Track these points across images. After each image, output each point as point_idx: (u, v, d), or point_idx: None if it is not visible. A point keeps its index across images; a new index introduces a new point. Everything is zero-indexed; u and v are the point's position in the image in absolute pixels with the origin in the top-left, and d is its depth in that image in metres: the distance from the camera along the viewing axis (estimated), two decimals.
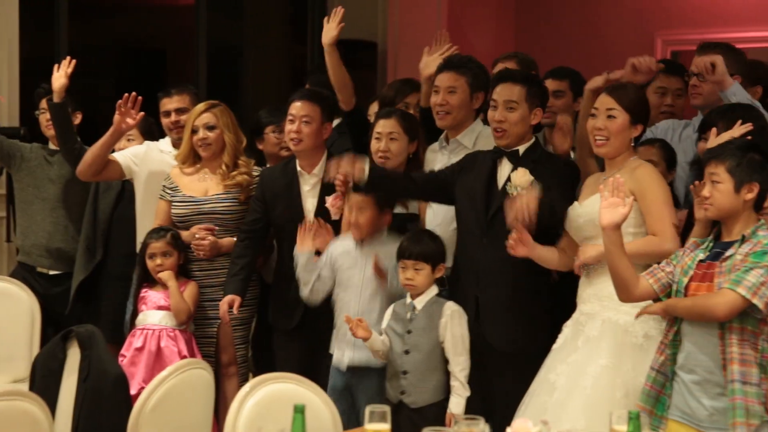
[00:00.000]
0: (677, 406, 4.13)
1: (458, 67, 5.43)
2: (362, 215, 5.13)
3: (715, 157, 4.11)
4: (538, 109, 4.99)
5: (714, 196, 4.08)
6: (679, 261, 4.19)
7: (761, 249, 3.97)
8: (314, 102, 5.59)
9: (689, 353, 4.10)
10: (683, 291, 4.11)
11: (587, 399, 4.43)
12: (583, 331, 4.61)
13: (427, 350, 4.87)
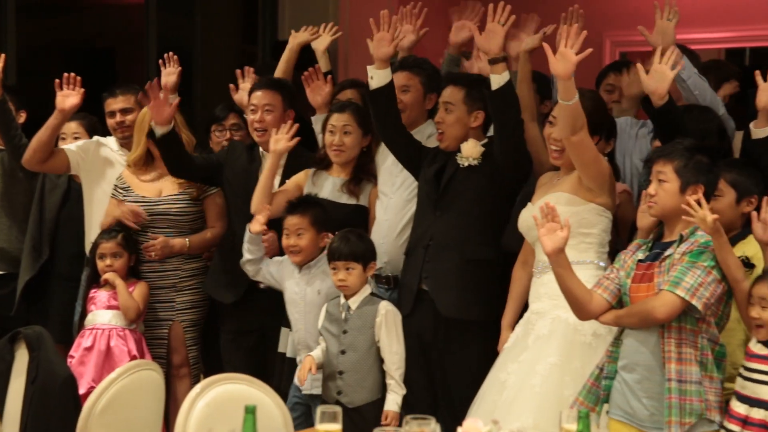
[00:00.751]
0: (618, 406, 4.16)
1: (412, 67, 5.47)
2: (301, 239, 5.13)
3: (664, 156, 4.14)
4: (479, 112, 5.02)
5: (659, 194, 4.12)
6: (622, 264, 4.22)
7: (698, 248, 4.02)
8: (275, 90, 5.60)
9: (630, 352, 4.13)
10: (627, 292, 4.15)
11: (536, 397, 4.45)
12: (533, 329, 4.63)
13: (363, 350, 4.88)
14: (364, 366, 4.88)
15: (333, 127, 5.43)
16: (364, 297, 4.94)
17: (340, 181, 5.46)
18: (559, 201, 4.59)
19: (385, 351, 4.86)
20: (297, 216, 5.12)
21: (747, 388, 3.96)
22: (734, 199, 4.38)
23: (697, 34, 7.22)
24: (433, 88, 5.39)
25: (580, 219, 4.58)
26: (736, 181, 4.38)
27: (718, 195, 4.35)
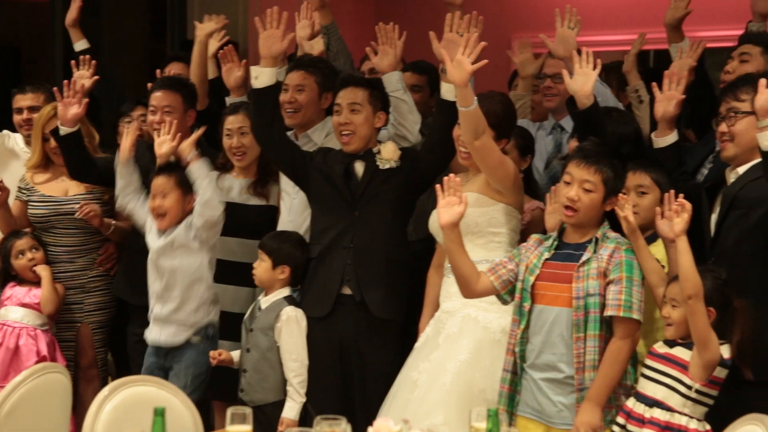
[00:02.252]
0: (527, 403, 4.21)
1: (308, 67, 5.45)
2: (166, 200, 5.07)
3: (593, 163, 4.17)
4: (381, 113, 5.03)
5: (583, 201, 4.15)
6: (523, 259, 4.26)
7: (626, 260, 4.08)
8: (174, 90, 5.52)
9: (541, 353, 4.17)
10: (529, 290, 4.18)
11: (446, 395, 4.47)
12: (444, 328, 4.65)
13: (263, 350, 4.89)
14: (264, 367, 4.89)
15: (229, 131, 5.40)
16: (277, 299, 4.93)
17: (246, 183, 5.44)
18: (468, 201, 4.62)
19: (285, 357, 4.86)
20: (163, 176, 5.07)
21: (647, 387, 4.02)
22: (659, 197, 4.44)
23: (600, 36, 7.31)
24: (328, 87, 5.32)
25: (489, 218, 4.62)
26: (661, 180, 4.45)
27: (644, 192, 4.42)
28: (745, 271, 4.17)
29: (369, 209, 4.96)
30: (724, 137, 4.29)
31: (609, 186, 4.15)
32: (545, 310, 4.16)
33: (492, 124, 4.59)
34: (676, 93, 4.69)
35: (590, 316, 4.08)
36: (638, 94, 5.44)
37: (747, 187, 4.19)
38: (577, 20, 5.20)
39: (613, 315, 4.05)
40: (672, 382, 3.96)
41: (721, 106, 4.34)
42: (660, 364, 4.00)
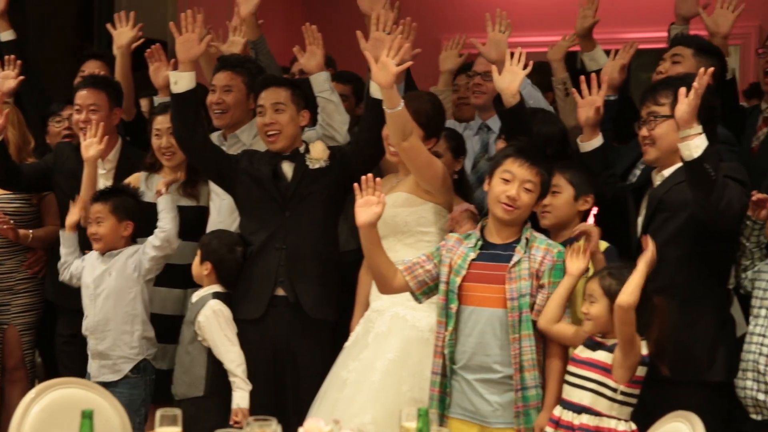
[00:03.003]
0: (459, 404, 4.22)
1: (235, 67, 5.44)
2: (100, 227, 5.08)
3: (535, 164, 4.18)
4: (304, 111, 5.05)
5: (522, 200, 4.16)
6: (444, 260, 4.25)
7: (556, 264, 4.14)
8: (100, 89, 5.48)
9: (474, 354, 4.18)
10: (456, 291, 4.19)
11: (375, 393, 4.49)
12: (373, 327, 4.67)
13: (186, 343, 4.89)
14: (185, 360, 4.88)
15: (158, 131, 5.36)
16: (206, 293, 4.92)
17: (175, 184, 5.40)
18: (397, 201, 4.64)
19: (220, 352, 4.83)
20: (99, 204, 5.07)
21: (572, 394, 4.05)
22: (572, 197, 4.49)
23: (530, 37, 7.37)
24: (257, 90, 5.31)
25: (418, 218, 4.63)
26: (575, 180, 4.49)
27: (556, 191, 4.46)
28: (671, 273, 4.22)
29: (300, 209, 4.95)
30: (646, 141, 4.34)
31: (545, 187, 4.20)
32: (476, 311, 4.18)
33: (421, 123, 4.61)
34: (597, 98, 4.72)
35: (524, 316, 4.11)
36: (565, 86, 5.48)
37: (672, 191, 4.24)
38: (508, 24, 5.24)
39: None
40: (597, 386, 4.00)
41: (642, 109, 4.39)
42: (583, 370, 4.03)
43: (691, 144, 3.97)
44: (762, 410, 3.97)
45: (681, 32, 5.57)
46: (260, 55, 5.75)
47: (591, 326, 4.07)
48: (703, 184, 4.02)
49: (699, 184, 4.03)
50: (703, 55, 4.93)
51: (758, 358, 3.98)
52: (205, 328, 4.83)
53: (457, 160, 5.06)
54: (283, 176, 5.00)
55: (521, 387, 4.11)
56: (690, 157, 3.99)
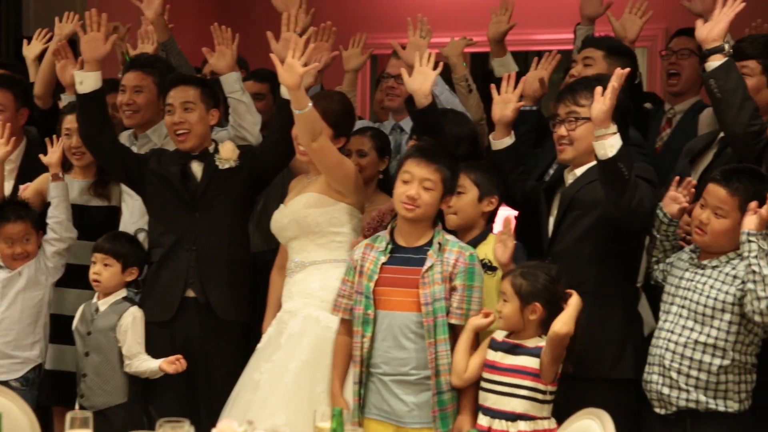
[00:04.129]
0: (375, 405, 4.24)
1: (145, 67, 5.41)
2: (29, 245, 5.07)
3: (433, 162, 4.21)
4: (214, 110, 5.03)
5: (423, 198, 4.19)
6: (354, 270, 4.28)
7: (469, 267, 4.17)
8: (5, 88, 5.41)
9: (389, 357, 4.20)
10: (371, 296, 4.20)
11: (288, 395, 4.48)
12: (286, 328, 4.65)
13: (106, 352, 4.83)
14: (106, 369, 4.82)
15: (68, 130, 5.31)
16: (116, 300, 4.86)
17: (86, 184, 5.34)
18: (309, 201, 4.64)
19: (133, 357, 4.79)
20: (16, 223, 5.03)
21: (501, 403, 4.09)
22: (476, 197, 4.52)
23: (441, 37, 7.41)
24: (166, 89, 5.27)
25: (330, 218, 4.64)
26: (479, 180, 4.52)
27: (461, 192, 4.49)
28: (583, 271, 4.27)
29: (210, 210, 4.94)
30: (563, 140, 4.37)
31: (447, 185, 4.22)
32: (390, 315, 4.20)
33: (330, 122, 4.62)
34: (513, 96, 4.76)
35: (439, 321, 4.14)
36: (468, 83, 5.50)
37: (584, 189, 4.28)
38: (428, 30, 5.26)
39: (457, 324, 4.16)
40: (529, 392, 4.05)
41: (560, 109, 4.42)
42: (512, 378, 4.08)
43: (606, 143, 4.02)
44: (666, 404, 4.04)
45: (588, 33, 5.63)
46: (171, 56, 5.71)
47: (503, 323, 4.13)
48: (616, 183, 4.07)
49: (612, 183, 4.09)
50: (615, 57, 4.98)
51: (664, 353, 4.04)
52: (128, 334, 4.79)
53: (383, 159, 5.09)
54: (193, 176, 4.98)
55: (437, 391, 4.14)
56: (605, 156, 4.03)
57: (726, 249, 4.05)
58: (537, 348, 4.07)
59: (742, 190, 3.98)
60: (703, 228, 4.03)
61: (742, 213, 3.96)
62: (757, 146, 4.25)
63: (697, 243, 4.10)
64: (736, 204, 3.98)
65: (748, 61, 4.52)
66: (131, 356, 4.79)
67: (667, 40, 6.31)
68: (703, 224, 4.03)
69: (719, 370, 3.96)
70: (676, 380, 4.01)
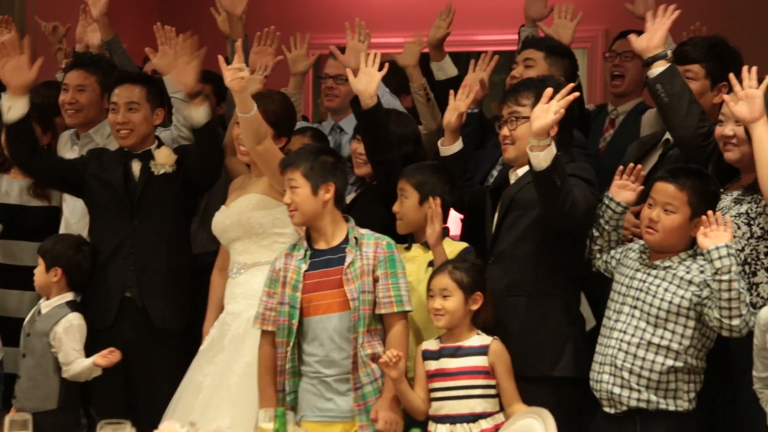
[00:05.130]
0: (315, 406, 4.24)
1: (88, 66, 5.36)
2: None
3: (290, 165, 4.25)
4: (159, 110, 5.02)
5: (295, 201, 4.21)
6: (276, 282, 4.28)
7: (388, 256, 4.21)
8: None
9: (321, 358, 4.21)
10: (298, 306, 4.21)
11: (232, 396, 4.46)
12: (229, 330, 4.64)
13: (39, 356, 4.78)
14: (37, 373, 4.77)
15: None
16: (59, 303, 4.82)
17: (25, 184, 5.30)
18: (251, 203, 4.63)
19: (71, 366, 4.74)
20: None
21: (458, 407, 4.11)
22: (417, 201, 4.54)
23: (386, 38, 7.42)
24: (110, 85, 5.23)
25: (273, 219, 4.63)
26: (420, 183, 4.54)
27: (403, 197, 4.51)
28: (522, 271, 4.30)
29: (148, 218, 4.93)
30: (506, 140, 4.38)
31: (310, 178, 4.23)
32: (322, 320, 4.22)
33: (270, 122, 4.61)
34: (461, 104, 4.78)
35: (363, 314, 4.17)
36: (425, 91, 5.50)
37: (524, 189, 4.30)
38: (366, 33, 5.26)
39: (388, 312, 4.17)
40: (484, 390, 4.10)
41: (504, 109, 4.44)
42: (463, 380, 4.11)
43: (540, 155, 4.01)
44: (616, 404, 4.06)
45: (531, 35, 5.65)
46: (115, 56, 5.67)
47: (446, 321, 4.15)
48: (549, 192, 4.08)
49: (546, 192, 4.10)
50: (555, 57, 5.01)
51: (617, 353, 4.05)
52: (63, 341, 4.74)
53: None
54: (133, 178, 4.95)
55: (359, 385, 4.17)
56: (539, 167, 4.03)
57: (677, 248, 4.06)
58: (482, 347, 4.11)
59: (690, 186, 4.00)
60: (653, 226, 4.04)
61: (691, 209, 3.98)
62: (707, 148, 4.29)
63: (649, 243, 4.11)
64: (686, 199, 4.00)
65: (691, 65, 4.55)
66: (67, 362, 4.74)
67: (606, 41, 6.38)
68: (654, 222, 4.04)
69: (670, 370, 3.99)
70: (628, 380, 4.02)
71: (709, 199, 4.02)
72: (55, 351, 4.75)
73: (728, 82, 4.19)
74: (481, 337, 4.15)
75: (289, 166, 4.26)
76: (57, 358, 4.75)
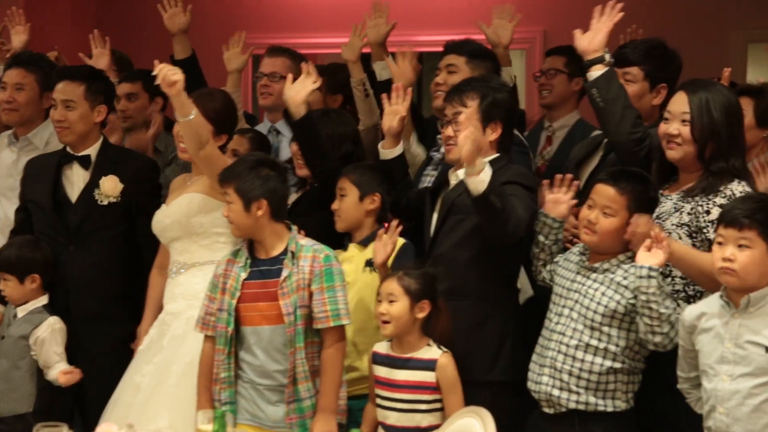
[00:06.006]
0: (248, 410, 4.22)
1: (27, 64, 5.32)
2: None
3: (225, 180, 4.23)
4: (102, 107, 4.99)
5: (230, 216, 4.20)
6: (217, 287, 4.26)
7: (325, 269, 4.16)
8: None
9: (258, 369, 4.20)
10: (233, 313, 4.19)
11: (171, 397, 4.44)
12: (168, 330, 4.61)
13: (16, 359, 4.74)
14: (14, 376, 4.73)
15: None
16: (35, 307, 4.81)
17: None
18: (191, 202, 4.60)
19: (51, 369, 4.73)
20: None
21: (402, 419, 4.12)
22: (357, 198, 4.55)
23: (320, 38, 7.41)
24: (50, 86, 5.18)
25: (213, 219, 4.60)
26: (359, 181, 4.55)
27: (343, 195, 4.52)
28: (462, 275, 4.32)
29: (85, 245, 4.91)
30: (450, 141, 4.39)
31: (244, 195, 4.19)
32: (256, 330, 4.19)
33: (211, 119, 4.59)
34: (401, 108, 4.79)
35: (299, 329, 4.14)
36: (364, 87, 5.50)
37: (464, 194, 4.30)
38: None
39: (323, 327, 4.15)
40: (430, 405, 4.10)
41: (447, 109, 4.45)
42: (410, 394, 4.11)
43: (476, 179, 4.02)
44: (555, 405, 4.09)
45: None
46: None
47: (391, 329, 4.14)
48: (491, 215, 4.09)
49: (487, 216, 4.11)
50: (477, 60, 5.00)
51: (557, 355, 4.07)
52: (44, 345, 4.71)
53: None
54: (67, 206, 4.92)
55: (295, 399, 4.14)
56: (476, 191, 4.03)
57: (614, 249, 4.09)
58: (431, 361, 4.11)
59: (630, 190, 4.03)
60: (591, 228, 4.07)
61: (629, 213, 4.01)
62: (640, 153, 4.32)
63: (586, 243, 4.14)
64: (624, 203, 4.03)
65: (630, 67, 4.59)
66: (49, 366, 4.72)
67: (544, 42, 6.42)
68: (592, 223, 4.06)
69: (609, 371, 4.02)
70: (567, 382, 4.05)
71: (647, 204, 4.06)
72: (35, 354, 4.73)
73: (668, 84, 4.24)
74: (432, 350, 4.14)
75: (224, 181, 4.23)
76: (35, 362, 4.73)
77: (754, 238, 3.56)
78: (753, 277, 3.57)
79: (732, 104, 4.10)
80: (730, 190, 3.98)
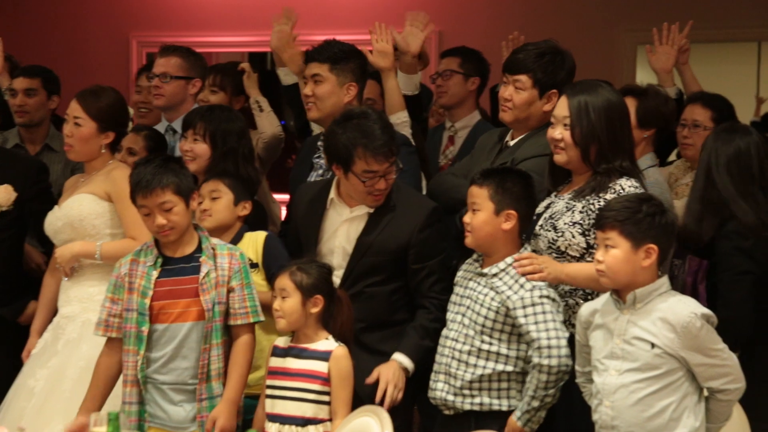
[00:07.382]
0: (153, 413, 4.18)
1: None
2: None
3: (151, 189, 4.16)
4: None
5: (172, 220, 4.14)
6: (121, 288, 4.19)
7: (242, 266, 4.19)
8: None
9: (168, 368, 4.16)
10: (147, 312, 4.13)
11: (66, 402, 4.39)
12: (63, 334, 4.57)
13: None
14: None
15: None
16: None
17: None
18: (83, 203, 4.56)
19: None
20: None
21: (276, 406, 4.11)
22: (232, 201, 4.56)
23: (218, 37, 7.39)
24: None
25: (106, 220, 4.58)
26: (233, 186, 4.57)
27: (216, 197, 4.54)
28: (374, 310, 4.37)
29: None
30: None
31: (184, 195, 4.17)
32: (171, 328, 4.14)
33: (93, 117, 4.60)
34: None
35: (216, 326, 4.14)
36: (258, 105, 5.50)
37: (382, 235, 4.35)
38: None
39: (243, 323, 4.16)
40: (317, 396, 4.09)
41: None
42: (300, 382, 4.10)
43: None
44: (451, 408, 4.14)
45: None
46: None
47: (284, 324, 4.14)
48: None
49: None
50: (341, 65, 4.87)
51: (450, 361, 4.10)
52: None
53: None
54: None
55: (207, 396, 4.13)
56: None
57: (497, 249, 4.12)
58: (326, 352, 4.11)
59: (489, 182, 4.08)
60: (467, 228, 4.13)
61: (494, 203, 4.06)
62: None
63: (468, 246, 4.16)
64: (486, 194, 4.08)
65: (519, 75, 4.60)
66: None
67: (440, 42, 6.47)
68: (467, 224, 4.14)
69: (502, 374, 4.06)
70: (460, 387, 4.10)
71: (511, 193, 4.08)
72: None
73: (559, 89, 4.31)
74: (329, 342, 4.14)
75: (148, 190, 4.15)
76: None
77: (615, 238, 3.63)
78: (622, 276, 3.65)
79: (613, 105, 4.12)
80: (619, 186, 4.03)
